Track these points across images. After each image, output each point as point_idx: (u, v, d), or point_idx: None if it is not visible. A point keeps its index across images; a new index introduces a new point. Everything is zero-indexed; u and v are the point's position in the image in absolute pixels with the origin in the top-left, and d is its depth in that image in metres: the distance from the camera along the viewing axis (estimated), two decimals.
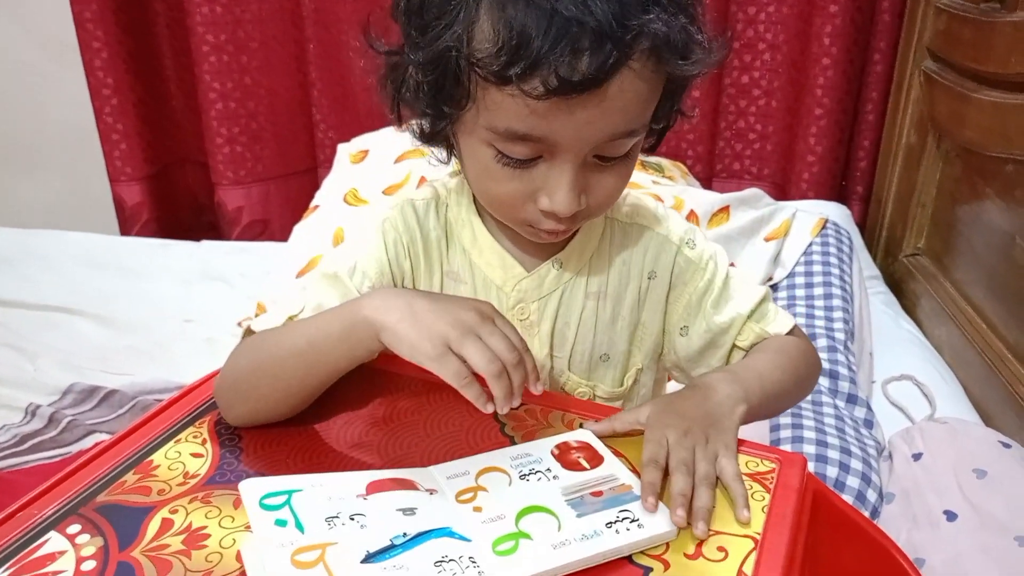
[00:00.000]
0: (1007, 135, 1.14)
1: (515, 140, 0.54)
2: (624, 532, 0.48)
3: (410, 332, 0.52)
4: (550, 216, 0.58)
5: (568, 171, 0.55)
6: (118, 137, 1.86)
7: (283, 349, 0.58)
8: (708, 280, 0.67)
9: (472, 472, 0.53)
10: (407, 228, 0.67)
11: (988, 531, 0.81)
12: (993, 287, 1.22)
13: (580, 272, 0.67)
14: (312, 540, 0.45)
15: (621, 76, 0.51)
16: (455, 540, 0.47)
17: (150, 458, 0.56)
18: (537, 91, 0.50)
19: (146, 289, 1.52)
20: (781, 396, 0.64)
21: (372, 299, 0.56)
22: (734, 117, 1.77)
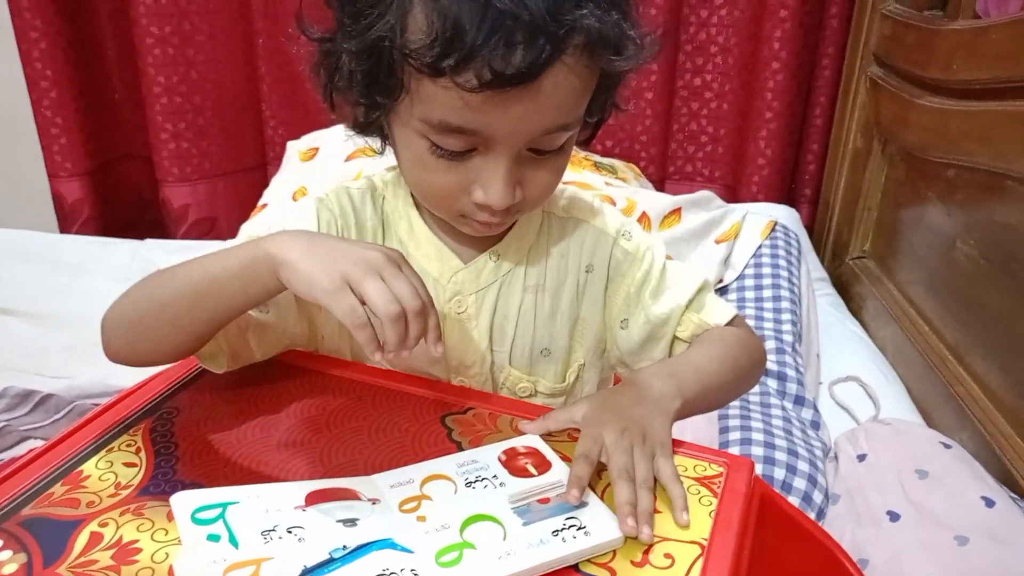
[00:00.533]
0: (948, 140, 1.17)
1: (449, 132, 0.53)
2: (571, 540, 0.47)
3: (310, 267, 0.50)
4: (484, 208, 0.57)
5: (503, 164, 0.55)
6: (57, 131, 1.80)
7: (178, 280, 0.55)
8: (645, 271, 0.67)
9: (416, 480, 0.52)
10: (342, 212, 0.66)
11: (929, 530, 0.83)
12: (934, 289, 1.25)
13: (518, 265, 0.67)
14: (247, 555, 0.44)
15: (555, 70, 0.51)
16: (397, 552, 0.46)
17: (80, 468, 0.54)
18: (470, 84, 0.49)
19: (85, 288, 1.47)
20: (720, 389, 0.63)
21: (277, 236, 0.53)
22: (686, 119, 1.79)
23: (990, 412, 1.02)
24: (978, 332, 1.11)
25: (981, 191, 1.10)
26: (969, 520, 0.83)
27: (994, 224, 1.07)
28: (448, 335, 0.67)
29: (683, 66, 1.74)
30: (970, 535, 0.81)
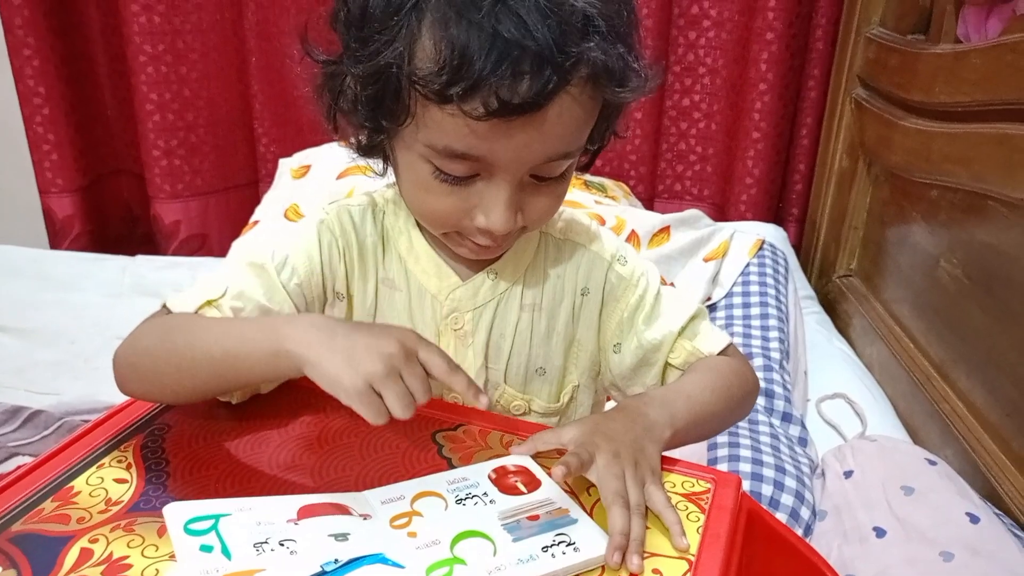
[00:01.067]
0: (931, 161, 1.19)
1: (453, 158, 0.54)
2: (560, 556, 0.47)
3: (331, 368, 0.50)
4: (485, 233, 0.58)
5: (505, 190, 0.56)
6: (49, 147, 1.79)
7: (196, 350, 0.55)
8: (639, 296, 0.68)
9: (408, 496, 0.52)
10: (343, 232, 0.66)
11: (915, 546, 0.83)
12: (919, 307, 1.26)
13: (515, 283, 0.67)
14: (239, 567, 0.44)
15: (560, 100, 0.52)
16: (388, 567, 0.46)
17: (70, 484, 0.54)
18: (477, 112, 0.50)
19: (75, 303, 1.46)
20: (712, 419, 0.64)
21: (295, 329, 0.53)
22: (675, 139, 1.80)
23: (975, 429, 1.03)
24: (962, 350, 1.12)
25: (963, 211, 1.12)
26: (954, 536, 0.83)
27: (976, 243, 1.09)
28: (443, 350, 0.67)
29: (672, 87, 1.75)
30: (955, 551, 0.81)
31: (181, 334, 0.57)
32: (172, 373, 0.57)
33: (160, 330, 0.59)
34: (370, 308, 0.67)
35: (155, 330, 0.59)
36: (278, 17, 1.74)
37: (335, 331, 0.52)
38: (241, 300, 0.60)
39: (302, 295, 0.64)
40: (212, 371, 0.56)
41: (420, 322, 0.67)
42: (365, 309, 0.68)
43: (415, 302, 0.67)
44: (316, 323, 0.54)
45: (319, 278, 0.65)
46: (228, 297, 0.60)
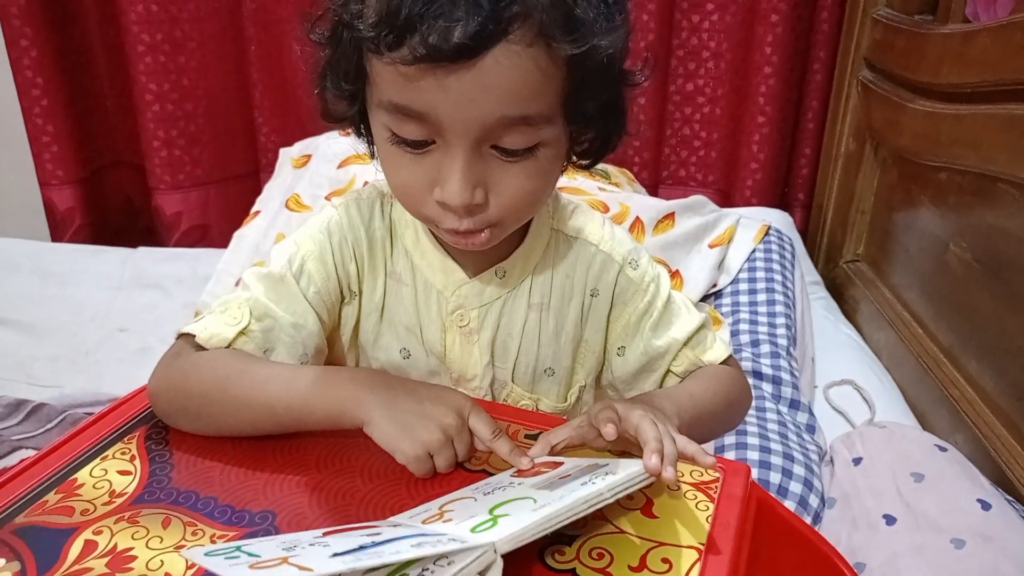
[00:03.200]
0: (939, 143, 1.18)
1: (401, 116, 0.53)
2: (600, 481, 0.46)
3: (393, 433, 0.54)
4: (447, 210, 0.55)
5: (459, 157, 0.53)
6: (48, 139, 1.78)
7: (257, 404, 0.57)
8: (648, 302, 0.67)
9: (434, 508, 0.51)
10: (352, 228, 0.65)
11: (924, 533, 0.83)
12: (927, 292, 1.25)
13: (523, 282, 0.66)
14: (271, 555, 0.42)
15: (500, 52, 0.49)
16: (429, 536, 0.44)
17: (74, 476, 0.54)
18: (407, 59, 0.49)
19: (76, 296, 1.46)
20: (712, 421, 0.64)
21: (359, 392, 0.56)
22: (679, 124, 1.79)
23: (984, 414, 1.02)
24: (971, 334, 1.11)
25: (972, 194, 1.11)
26: (964, 523, 0.82)
27: (986, 227, 1.08)
28: (449, 347, 0.67)
29: (675, 71, 1.74)
30: (966, 538, 0.81)
31: (237, 386, 0.58)
32: (228, 420, 0.58)
33: (211, 375, 0.59)
34: (378, 303, 0.67)
35: (203, 374, 0.59)
36: (277, 5, 1.72)
37: (396, 393, 0.56)
38: (267, 320, 0.62)
39: (322, 302, 0.64)
40: (273, 423, 0.58)
41: (426, 317, 0.66)
42: (373, 304, 0.67)
43: (421, 297, 0.66)
44: (377, 383, 0.57)
45: (335, 282, 0.65)
46: (255, 320, 0.61)
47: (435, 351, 0.67)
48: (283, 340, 0.62)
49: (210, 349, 0.60)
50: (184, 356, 0.61)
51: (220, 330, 0.60)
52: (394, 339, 0.67)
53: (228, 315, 0.61)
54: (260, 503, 0.52)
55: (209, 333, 0.60)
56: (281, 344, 0.62)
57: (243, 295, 0.63)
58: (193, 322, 0.62)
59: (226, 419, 0.58)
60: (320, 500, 0.52)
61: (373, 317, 0.67)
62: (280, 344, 0.62)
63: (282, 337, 0.62)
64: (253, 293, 0.62)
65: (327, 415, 0.56)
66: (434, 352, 0.67)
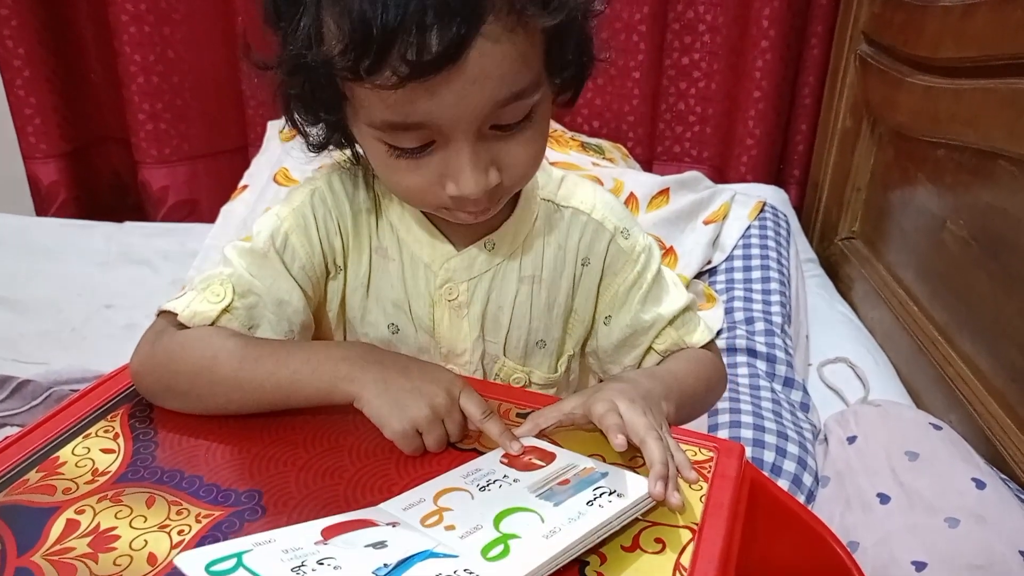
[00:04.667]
0: (937, 119, 1.16)
1: (398, 131, 0.51)
2: (607, 505, 0.46)
3: (383, 409, 0.54)
4: (462, 201, 0.55)
5: (465, 151, 0.52)
6: (31, 111, 1.75)
7: (246, 383, 0.56)
8: (638, 273, 0.66)
9: (428, 498, 0.50)
10: (336, 202, 0.64)
11: (918, 512, 0.83)
12: (923, 270, 1.25)
13: (513, 254, 0.65)
14: None
15: (480, 44, 0.47)
16: (441, 559, 0.43)
17: (56, 454, 0.53)
18: (391, 82, 0.47)
19: (62, 272, 1.45)
20: (692, 403, 0.64)
21: (350, 368, 0.56)
22: (674, 99, 1.77)
23: (980, 393, 1.02)
24: (967, 313, 1.10)
25: (970, 172, 1.10)
26: (959, 502, 0.82)
27: (983, 205, 1.07)
28: (438, 321, 0.66)
29: (671, 45, 1.72)
30: (960, 517, 0.81)
31: (226, 365, 0.57)
32: (218, 400, 0.57)
33: (197, 354, 0.57)
34: (364, 278, 0.66)
35: (189, 353, 0.58)
36: None
37: (388, 370, 0.56)
38: (251, 297, 0.60)
39: (307, 277, 0.63)
40: (264, 402, 0.57)
41: (413, 292, 0.65)
42: (359, 279, 0.66)
43: (408, 272, 0.65)
44: (368, 359, 0.57)
45: (320, 257, 0.63)
46: (238, 297, 0.60)
47: (424, 326, 0.66)
48: (267, 317, 0.61)
49: (193, 328, 0.59)
50: (168, 335, 0.59)
51: (202, 308, 0.59)
52: (382, 315, 0.66)
53: (210, 292, 0.60)
54: (247, 482, 0.51)
55: (191, 311, 0.59)
56: (265, 321, 0.61)
57: (225, 271, 0.61)
58: (174, 299, 0.61)
59: (214, 398, 0.57)
60: (308, 480, 0.52)
61: (359, 293, 0.66)
62: (264, 321, 0.61)
63: (266, 314, 0.61)
64: (235, 269, 0.61)
65: (318, 392, 0.56)
66: (423, 327, 0.66)
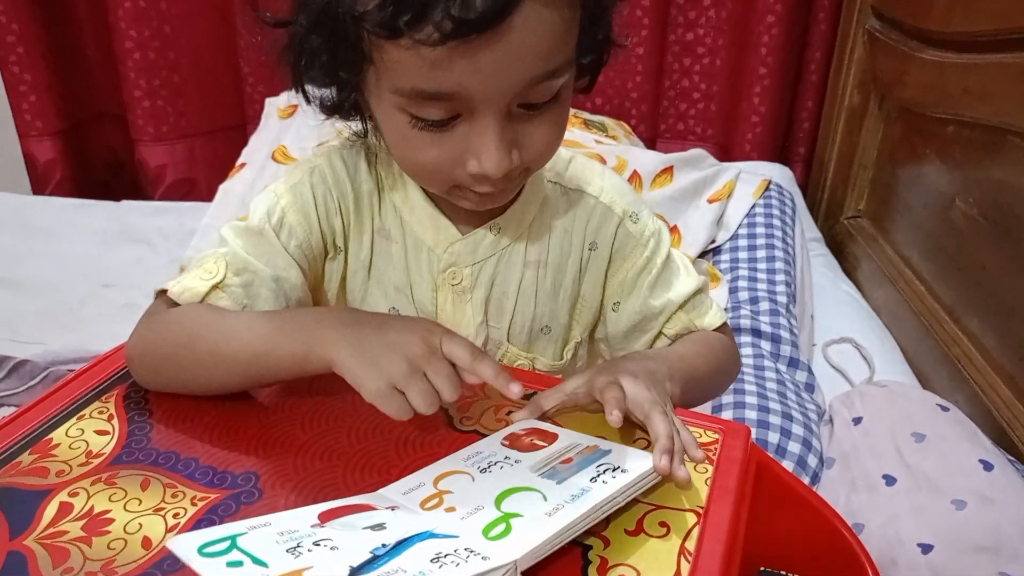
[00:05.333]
0: (947, 95, 1.15)
1: (425, 100, 0.49)
2: (611, 480, 0.45)
3: (356, 369, 0.50)
4: (481, 180, 0.53)
5: (492, 127, 0.50)
6: (26, 88, 1.74)
7: (223, 355, 0.54)
8: (647, 258, 0.65)
9: (428, 482, 0.48)
10: (337, 181, 0.62)
11: (925, 494, 0.82)
12: (930, 249, 1.24)
13: (518, 239, 0.64)
14: (281, 570, 0.39)
15: (525, 9, 0.46)
16: (441, 539, 0.42)
17: (49, 436, 0.52)
18: (433, 38, 0.45)
19: (59, 251, 1.44)
20: (700, 386, 0.63)
21: (324, 329, 0.52)
22: (678, 76, 1.75)
23: (987, 374, 1.02)
24: (975, 293, 1.09)
25: (981, 148, 1.08)
26: (966, 484, 0.82)
27: (994, 182, 1.05)
28: (440, 306, 0.64)
29: (675, 20, 1.69)
30: (967, 499, 0.80)
31: (204, 340, 0.55)
32: (200, 377, 0.56)
33: (179, 332, 0.56)
34: (365, 260, 0.64)
35: (172, 331, 0.56)
36: None
37: (362, 329, 0.52)
38: (246, 275, 0.58)
39: (303, 255, 0.61)
40: (241, 374, 0.55)
41: (416, 275, 0.64)
42: (360, 262, 0.64)
43: (411, 255, 0.63)
44: (344, 320, 0.53)
45: (318, 236, 0.62)
46: (232, 274, 0.58)
47: (426, 311, 0.65)
48: (263, 295, 0.59)
49: (183, 304, 0.58)
50: (157, 316, 0.58)
51: (193, 284, 0.58)
52: (383, 298, 0.65)
53: (203, 269, 0.58)
54: (243, 464, 0.50)
55: (182, 287, 0.58)
56: (261, 299, 0.59)
57: (220, 250, 0.60)
58: (171, 279, 0.59)
59: (196, 376, 0.55)
60: (305, 462, 0.51)
61: (360, 275, 0.65)
62: (260, 299, 0.59)
63: (262, 292, 0.59)
64: (231, 247, 0.59)
65: (293, 358, 0.52)
66: (425, 312, 0.65)
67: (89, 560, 0.42)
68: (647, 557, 0.44)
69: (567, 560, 0.43)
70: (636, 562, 0.43)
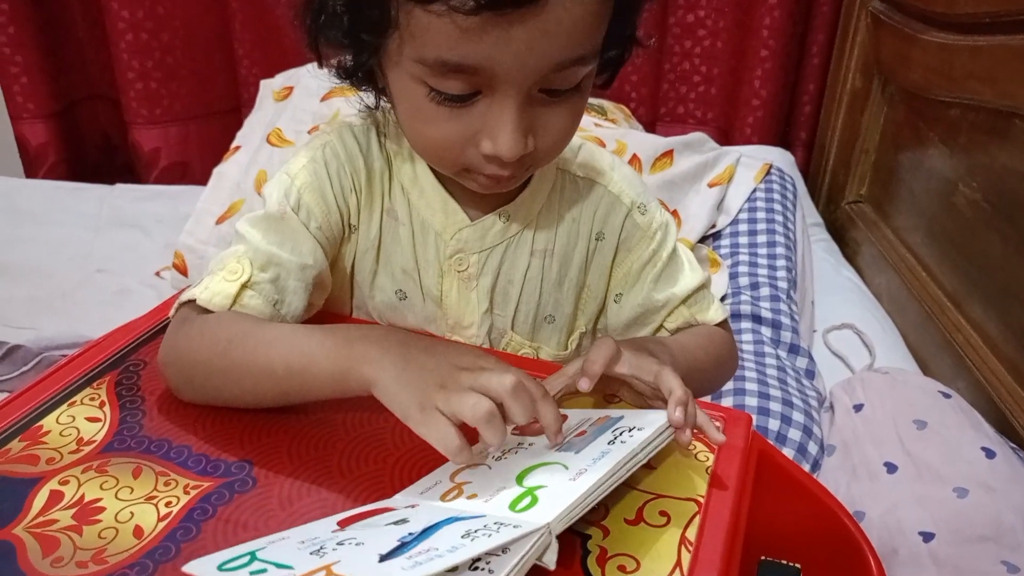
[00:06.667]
0: (952, 78, 1.13)
1: (448, 73, 0.48)
2: (629, 439, 0.44)
3: (400, 395, 0.45)
4: (493, 161, 0.52)
5: (511, 108, 0.49)
6: (17, 70, 1.71)
7: (259, 368, 0.51)
8: (653, 251, 0.64)
9: (444, 479, 0.47)
10: (350, 157, 0.60)
11: (926, 482, 0.82)
12: (933, 234, 1.23)
13: (527, 227, 0.63)
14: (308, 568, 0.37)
15: None
16: (468, 520, 0.41)
17: (39, 423, 0.51)
18: (467, 6, 0.44)
19: (53, 236, 1.43)
20: (699, 377, 0.62)
21: (368, 348, 0.47)
22: (678, 58, 1.73)
23: (989, 360, 1.01)
24: (978, 279, 1.08)
25: (986, 132, 1.07)
26: (968, 472, 0.81)
27: (998, 167, 1.04)
28: (446, 292, 0.64)
29: (675, 1, 1.67)
30: (969, 487, 0.80)
31: (239, 348, 0.51)
32: (231, 387, 0.52)
33: (212, 338, 0.53)
34: (374, 241, 0.63)
35: (207, 337, 0.53)
36: None
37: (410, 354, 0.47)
38: (272, 269, 0.56)
39: (325, 238, 0.59)
40: (274, 387, 0.51)
41: (423, 260, 0.63)
42: (370, 241, 0.63)
43: (419, 238, 0.62)
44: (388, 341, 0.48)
45: (336, 216, 0.60)
46: (258, 271, 0.55)
47: (432, 296, 0.64)
48: (291, 287, 0.57)
49: (215, 311, 0.55)
50: (188, 323, 0.55)
51: (221, 288, 0.55)
52: (389, 280, 0.64)
53: (227, 271, 0.55)
54: (236, 452, 0.50)
55: (210, 293, 0.55)
56: (290, 291, 0.57)
57: (240, 248, 0.57)
58: (192, 288, 0.57)
59: (229, 387, 0.52)
60: (300, 450, 0.50)
61: (370, 255, 0.63)
62: (289, 291, 0.57)
63: (290, 283, 0.57)
64: (251, 243, 0.57)
65: (332, 377, 0.48)
66: (431, 297, 0.64)
67: (79, 549, 0.42)
68: (647, 547, 0.43)
69: (566, 550, 0.42)
70: (636, 552, 0.42)
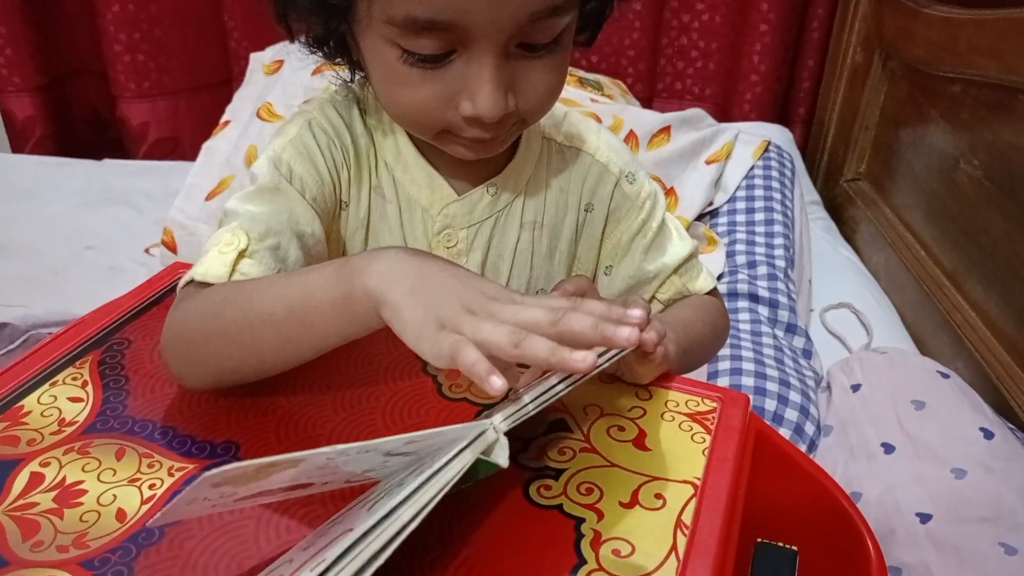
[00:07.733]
0: (956, 52, 1.12)
1: (420, 31, 0.46)
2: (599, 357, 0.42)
3: (415, 315, 0.39)
4: (474, 123, 0.50)
5: (488, 64, 0.48)
6: (2, 42, 1.68)
7: (254, 316, 0.46)
8: (642, 221, 0.63)
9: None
10: (336, 132, 0.58)
11: (924, 462, 0.81)
12: (932, 213, 1.22)
13: (515, 199, 0.61)
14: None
15: None
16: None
17: (20, 403, 0.50)
18: None
19: (40, 212, 1.41)
20: (699, 349, 0.62)
21: (377, 261, 0.42)
22: (676, 33, 1.71)
23: (988, 340, 1.01)
24: (978, 258, 1.08)
25: (988, 108, 1.06)
26: (966, 452, 0.81)
27: (1001, 143, 1.03)
28: None
29: None
30: (967, 468, 0.79)
31: (237, 303, 0.47)
32: (235, 352, 0.47)
33: (207, 309, 0.49)
34: (363, 219, 0.61)
35: (201, 305, 0.50)
36: None
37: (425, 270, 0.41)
38: (271, 238, 0.52)
39: (320, 209, 0.57)
40: (277, 337, 0.46)
41: (411, 237, 0.61)
42: (359, 220, 0.61)
43: (405, 215, 0.61)
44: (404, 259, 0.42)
45: (330, 187, 0.58)
46: (256, 240, 0.52)
47: None
48: (293, 256, 0.54)
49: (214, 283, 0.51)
50: (185, 301, 0.52)
51: (215, 259, 0.52)
52: None
53: (221, 244, 0.52)
54: (223, 433, 0.48)
55: (205, 268, 0.51)
56: (292, 261, 0.54)
57: (232, 223, 0.54)
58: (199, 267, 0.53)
59: (228, 350, 0.48)
60: (288, 430, 0.49)
61: (359, 235, 0.62)
62: (291, 262, 0.54)
63: (291, 252, 0.53)
64: (244, 215, 0.54)
65: (333, 305, 0.43)
66: None
67: (60, 533, 0.41)
68: (642, 530, 0.42)
69: (559, 534, 0.41)
70: (631, 535, 0.41)
